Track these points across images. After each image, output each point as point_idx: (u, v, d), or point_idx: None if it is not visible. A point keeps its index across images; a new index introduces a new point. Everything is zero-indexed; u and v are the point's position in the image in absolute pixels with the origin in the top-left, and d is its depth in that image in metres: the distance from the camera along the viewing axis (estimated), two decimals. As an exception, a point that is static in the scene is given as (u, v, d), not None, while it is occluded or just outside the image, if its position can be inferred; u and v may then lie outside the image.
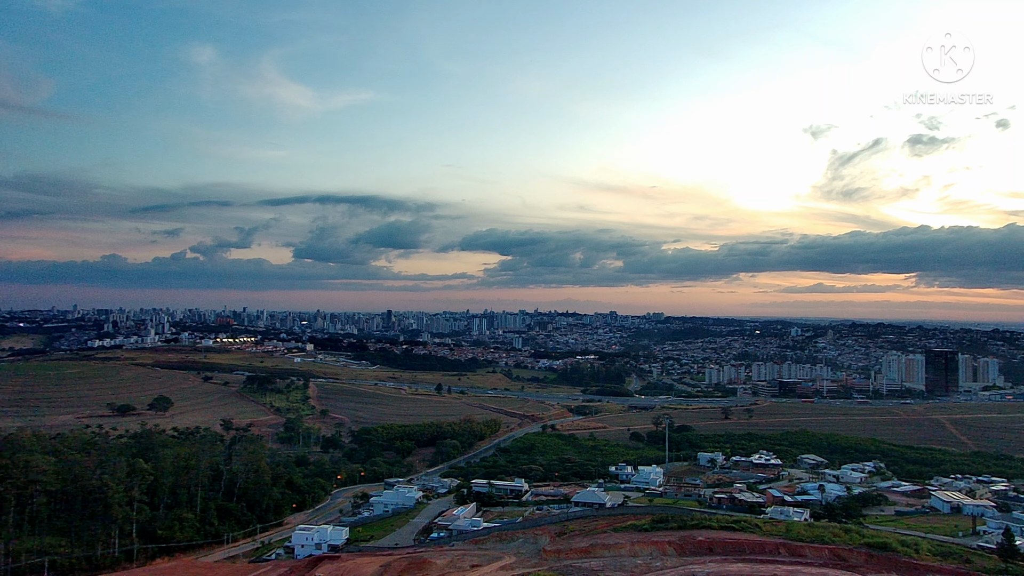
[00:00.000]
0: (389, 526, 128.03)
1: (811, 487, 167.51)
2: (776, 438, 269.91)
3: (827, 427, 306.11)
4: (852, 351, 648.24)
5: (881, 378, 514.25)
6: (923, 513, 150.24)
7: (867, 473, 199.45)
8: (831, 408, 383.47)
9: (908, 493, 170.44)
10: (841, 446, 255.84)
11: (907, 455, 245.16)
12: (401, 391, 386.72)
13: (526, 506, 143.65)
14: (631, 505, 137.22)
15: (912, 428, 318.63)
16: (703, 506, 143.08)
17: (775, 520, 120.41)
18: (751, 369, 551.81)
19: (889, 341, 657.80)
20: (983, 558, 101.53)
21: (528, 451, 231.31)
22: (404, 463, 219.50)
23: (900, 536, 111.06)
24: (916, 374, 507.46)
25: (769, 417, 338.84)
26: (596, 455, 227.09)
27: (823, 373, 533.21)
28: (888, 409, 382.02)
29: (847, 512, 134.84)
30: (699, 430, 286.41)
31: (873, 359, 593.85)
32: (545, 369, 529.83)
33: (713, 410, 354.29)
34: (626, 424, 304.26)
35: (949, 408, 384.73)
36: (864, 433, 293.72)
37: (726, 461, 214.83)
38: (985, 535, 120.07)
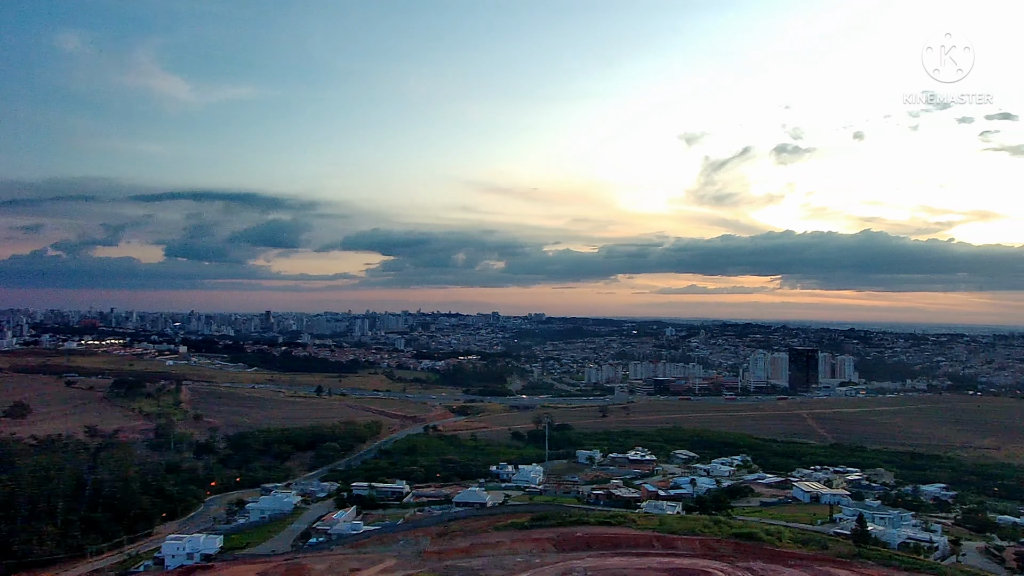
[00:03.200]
0: (266, 532, 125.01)
1: (683, 481, 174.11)
2: (652, 435, 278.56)
3: (699, 423, 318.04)
4: (723, 350, 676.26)
5: (749, 375, 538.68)
6: (786, 503, 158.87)
7: (735, 466, 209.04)
8: (703, 405, 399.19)
9: (772, 484, 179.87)
10: (712, 441, 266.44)
11: (772, 448, 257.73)
12: (280, 394, 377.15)
13: (408, 508, 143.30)
14: (512, 504, 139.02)
15: (777, 422, 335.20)
16: (582, 503, 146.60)
17: (650, 514, 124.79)
18: (628, 368, 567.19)
19: (756, 340, 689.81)
20: (839, 543, 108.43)
21: (410, 452, 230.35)
22: (282, 468, 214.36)
23: (765, 526, 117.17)
24: (781, 371, 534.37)
25: (645, 414, 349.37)
26: (478, 455, 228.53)
27: (696, 371, 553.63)
28: (755, 405, 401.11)
29: (716, 504, 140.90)
30: (578, 428, 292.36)
31: (742, 357, 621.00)
32: (428, 370, 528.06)
33: (592, 408, 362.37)
34: (508, 424, 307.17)
35: (810, 403, 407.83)
36: (733, 428, 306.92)
37: (604, 458, 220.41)
38: (841, 522, 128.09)
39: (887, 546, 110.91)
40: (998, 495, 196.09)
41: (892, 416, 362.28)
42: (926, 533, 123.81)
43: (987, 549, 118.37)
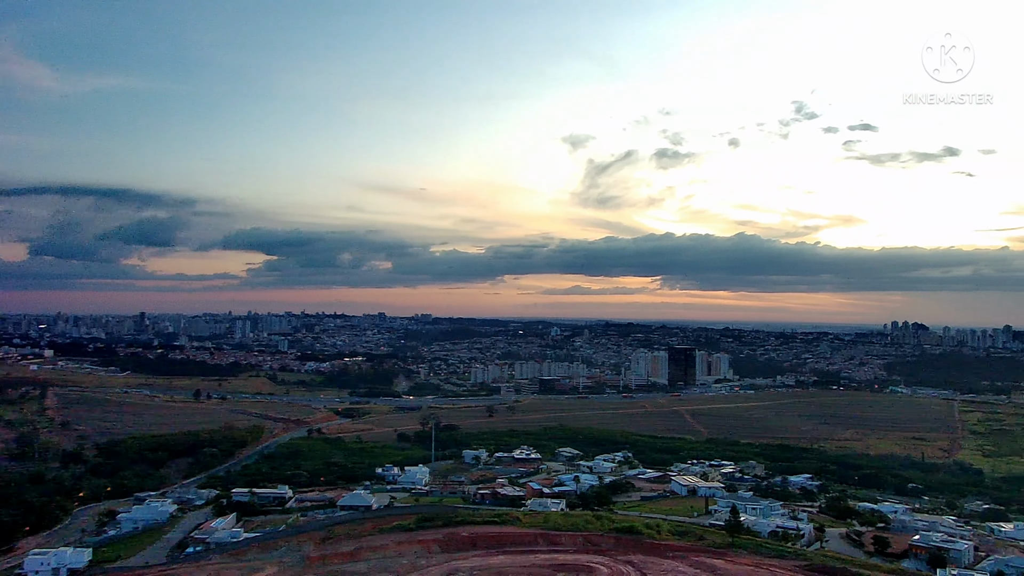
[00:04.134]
0: (139, 544, 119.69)
1: (567, 478, 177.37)
2: (537, 433, 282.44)
3: (583, 421, 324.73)
4: (606, 349, 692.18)
5: (631, 374, 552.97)
6: (665, 497, 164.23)
7: (617, 463, 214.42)
8: (587, 403, 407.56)
9: (652, 479, 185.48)
10: (596, 438, 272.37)
11: (652, 444, 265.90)
12: (155, 399, 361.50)
13: (290, 513, 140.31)
14: (397, 506, 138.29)
15: (657, 419, 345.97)
16: (468, 502, 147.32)
17: (534, 512, 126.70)
18: (515, 368, 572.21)
19: (638, 339, 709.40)
20: (714, 534, 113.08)
21: (293, 456, 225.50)
22: (157, 475, 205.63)
23: (645, 519, 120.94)
24: (661, 369, 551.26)
25: (531, 413, 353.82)
26: (363, 457, 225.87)
27: (580, 370, 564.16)
28: (637, 402, 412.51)
29: (599, 500, 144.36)
30: (465, 428, 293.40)
31: (624, 356, 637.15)
32: (312, 372, 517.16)
33: (478, 408, 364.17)
34: (394, 425, 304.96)
35: (688, 400, 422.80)
36: (616, 425, 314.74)
37: (490, 458, 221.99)
38: (716, 514, 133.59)
39: (758, 535, 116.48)
40: (858, 484, 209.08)
41: (763, 411, 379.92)
42: (793, 521, 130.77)
43: (848, 534, 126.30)
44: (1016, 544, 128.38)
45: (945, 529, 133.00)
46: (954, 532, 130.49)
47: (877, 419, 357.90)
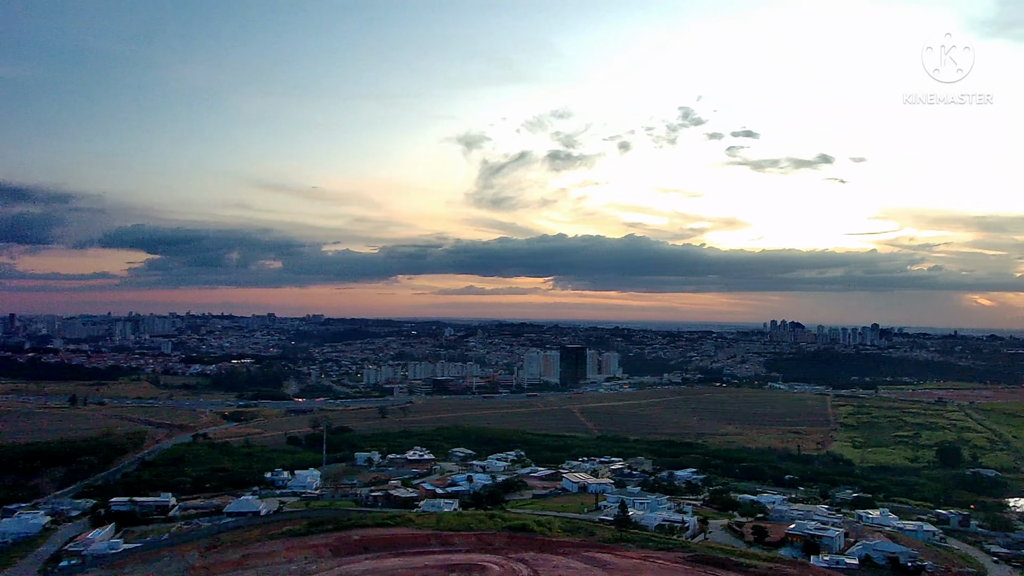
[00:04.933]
0: (9, 558, 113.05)
1: (461, 478, 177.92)
2: (430, 434, 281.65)
3: (477, 421, 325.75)
4: (499, 349, 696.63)
5: (524, 373, 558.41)
6: (556, 494, 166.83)
7: (510, 462, 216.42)
8: (481, 403, 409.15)
9: (544, 477, 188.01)
10: (489, 438, 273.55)
11: (545, 443, 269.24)
12: (27, 405, 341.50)
13: (174, 521, 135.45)
14: (287, 511, 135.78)
15: (549, 418, 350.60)
16: (360, 505, 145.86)
17: (427, 513, 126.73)
18: (408, 369, 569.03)
19: (531, 339, 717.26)
20: (604, 529, 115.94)
21: (177, 463, 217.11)
22: (28, 486, 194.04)
23: (536, 517, 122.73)
24: (553, 369, 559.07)
25: (425, 414, 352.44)
26: (252, 462, 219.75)
27: (474, 370, 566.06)
28: (529, 402, 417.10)
29: (492, 499, 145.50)
30: (357, 430, 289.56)
31: (517, 356, 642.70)
32: (198, 375, 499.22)
33: (371, 410, 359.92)
34: (284, 428, 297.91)
35: (579, 398, 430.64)
36: (509, 425, 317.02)
37: (383, 459, 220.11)
38: (606, 509, 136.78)
39: (646, 529, 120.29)
40: (740, 476, 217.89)
41: (651, 408, 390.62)
42: (679, 515, 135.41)
43: (730, 525, 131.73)
44: (881, 529, 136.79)
45: (818, 518, 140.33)
46: (826, 520, 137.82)
47: (757, 414, 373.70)
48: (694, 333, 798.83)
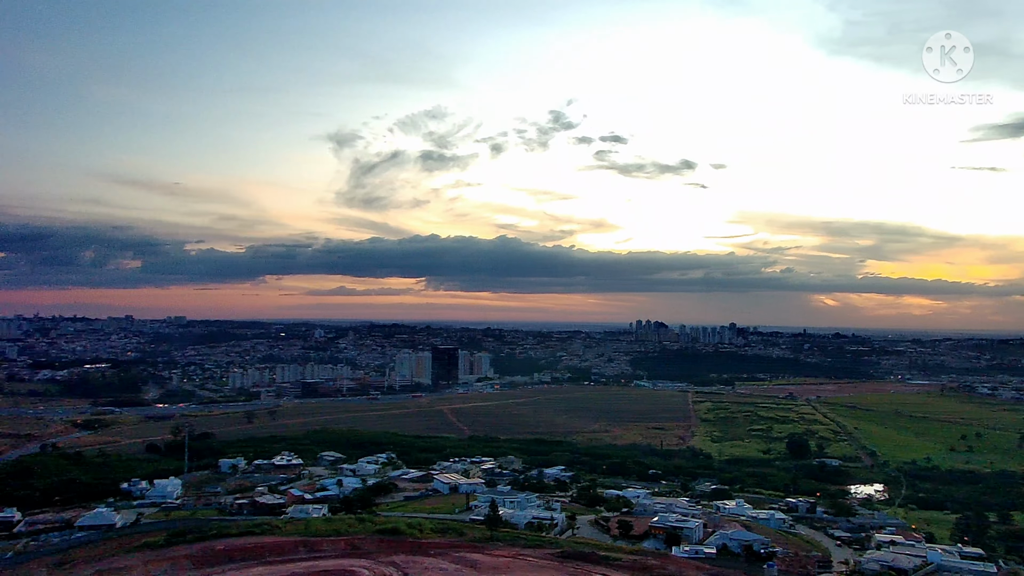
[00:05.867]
0: None
1: (330, 483, 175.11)
2: (299, 438, 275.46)
3: (347, 424, 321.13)
4: (370, 350, 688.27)
5: (395, 375, 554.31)
6: (428, 496, 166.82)
7: (381, 464, 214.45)
8: (351, 405, 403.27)
9: (416, 479, 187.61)
10: (360, 441, 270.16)
11: (416, 444, 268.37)
12: None
13: (19, 538, 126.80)
14: (145, 522, 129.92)
15: (421, 419, 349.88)
16: (224, 514, 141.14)
17: (295, 519, 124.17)
18: (276, 372, 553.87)
19: (402, 340, 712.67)
20: (475, 529, 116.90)
21: (23, 475, 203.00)
22: None
23: (407, 520, 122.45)
24: (425, 370, 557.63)
25: (293, 418, 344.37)
26: (107, 472, 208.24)
27: (344, 372, 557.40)
28: (401, 403, 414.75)
29: (362, 503, 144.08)
30: (222, 436, 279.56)
31: (389, 357, 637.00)
32: (47, 381, 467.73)
33: (237, 415, 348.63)
34: (143, 436, 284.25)
35: (451, 399, 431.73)
36: (380, 427, 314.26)
37: (249, 466, 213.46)
38: (476, 509, 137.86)
39: (516, 527, 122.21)
40: (606, 472, 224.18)
41: (522, 407, 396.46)
42: (548, 512, 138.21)
43: (596, 520, 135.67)
44: (737, 519, 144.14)
45: (680, 510, 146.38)
46: (687, 512, 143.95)
47: (624, 411, 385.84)
48: (564, 333, 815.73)
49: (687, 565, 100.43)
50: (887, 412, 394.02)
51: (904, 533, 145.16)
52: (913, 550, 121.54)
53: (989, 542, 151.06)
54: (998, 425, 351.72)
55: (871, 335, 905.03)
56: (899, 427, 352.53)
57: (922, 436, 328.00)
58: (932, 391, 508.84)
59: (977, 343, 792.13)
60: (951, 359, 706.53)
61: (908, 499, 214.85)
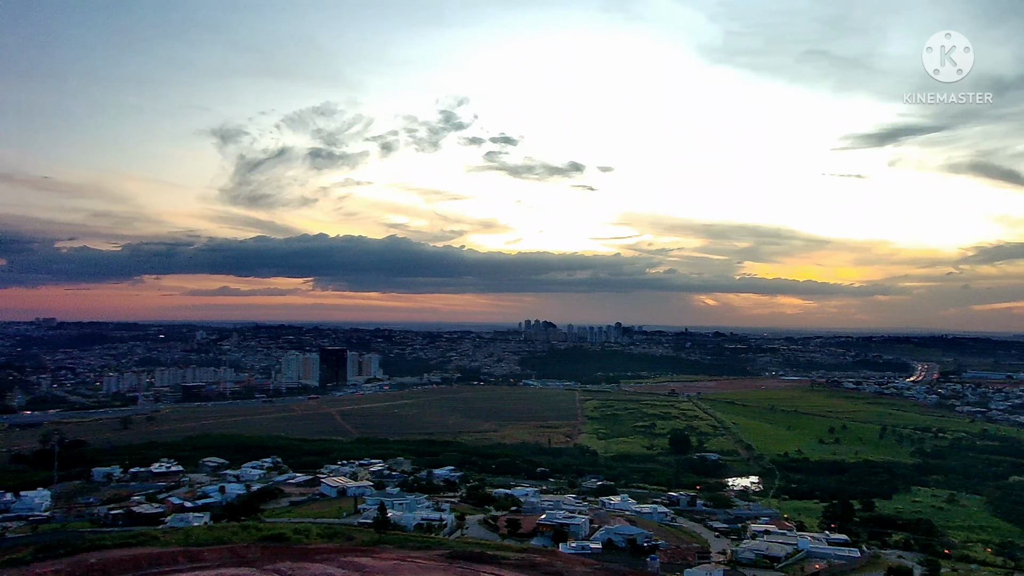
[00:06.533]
0: None
1: (212, 489, 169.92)
2: (180, 444, 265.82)
3: (231, 428, 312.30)
4: (256, 352, 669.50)
5: (282, 377, 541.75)
6: (315, 500, 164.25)
7: (266, 469, 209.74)
8: (235, 409, 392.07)
9: (302, 483, 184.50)
10: (244, 445, 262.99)
11: (303, 448, 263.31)
12: None
13: None
14: (10, 537, 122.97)
15: (308, 422, 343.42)
16: (98, 525, 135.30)
17: (175, 528, 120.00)
18: (154, 375, 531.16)
19: (289, 341, 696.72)
20: (363, 533, 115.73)
21: None
22: None
23: (294, 525, 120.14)
24: (312, 371, 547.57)
25: (174, 423, 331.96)
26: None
27: (228, 375, 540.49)
28: (287, 406, 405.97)
29: (246, 509, 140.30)
30: (96, 444, 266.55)
31: (275, 359, 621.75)
32: None
33: (111, 421, 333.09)
34: (8, 445, 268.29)
35: (339, 401, 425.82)
36: (265, 431, 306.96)
37: (125, 474, 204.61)
38: (365, 512, 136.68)
39: (404, 529, 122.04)
40: (496, 471, 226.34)
41: (411, 408, 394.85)
42: (437, 513, 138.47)
43: (486, 520, 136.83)
44: (622, 514, 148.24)
45: (567, 507, 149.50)
46: (574, 509, 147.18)
47: (513, 410, 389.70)
48: (453, 333, 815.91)
49: (573, 561, 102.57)
50: (762, 407, 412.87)
51: (777, 522, 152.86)
52: (785, 538, 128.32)
53: (853, 528, 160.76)
54: (862, 418, 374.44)
55: (748, 333, 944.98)
56: (773, 421, 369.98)
57: (794, 429, 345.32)
58: (803, 386, 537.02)
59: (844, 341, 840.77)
60: (820, 356, 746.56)
61: (781, 490, 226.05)
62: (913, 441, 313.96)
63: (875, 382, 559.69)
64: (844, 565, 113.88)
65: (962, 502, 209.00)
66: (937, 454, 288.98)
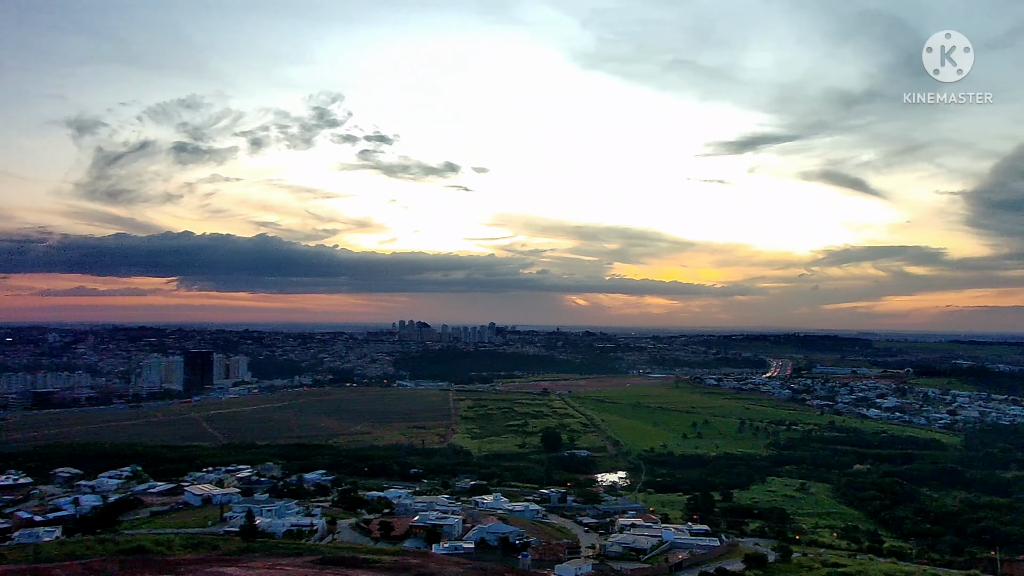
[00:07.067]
0: None
1: (65, 502, 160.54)
2: (29, 454, 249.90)
3: (87, 436, 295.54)
4: (114, 355, 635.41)
5: (143, 381, 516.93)
6: (178, 509, 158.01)
7: (125, 478, 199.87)
8: (92, 416, 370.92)
9: (164, 492, 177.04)
10: (101, 454, 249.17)
11: (165, 455, 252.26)
12: None
13: None
14: None
15: (171, 428, 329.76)
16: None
17: (23, 544, 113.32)
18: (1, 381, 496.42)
19: (151, 344, 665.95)
20: (230, 542, 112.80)
21: None
22: None
23: (155, 537, 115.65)
24: (176, 375, 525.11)
25: (22, 432, 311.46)
26: None
27: (83, 380, 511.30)
28: (149, 412, 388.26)
29: (103, 522, 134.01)
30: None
31: (135, 363, 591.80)
32: None
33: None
34: None
35: (205, 405, 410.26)
36: (125, 438, 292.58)
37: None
38: (232, 520, 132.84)
39: (273, 536, 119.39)
40: (368, 474, 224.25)
41: (282, 412, 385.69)
42: (308, 518, 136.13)
43: (358, 524, 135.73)
44: (495, 513, 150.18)
45: (440, 507, 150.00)
46: (447, 509, 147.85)
47: (386, 412, 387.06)
48: (326, 334, 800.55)
49: (446, 562, 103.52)
50: (630, 404, 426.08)
51: (643, 516, 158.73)
52: (650, 531, 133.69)
53: (714, 518, 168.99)
54: (723, 412, 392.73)
55: (617, 333, 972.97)
56: (640, 417, 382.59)
57: (659, 425, 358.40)
58: (668, 383, 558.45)
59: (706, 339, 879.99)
60: (684, 354, 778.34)
61: (647, 484, 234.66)
62: (768, 434, 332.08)
63: (735, 378, 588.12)
64: (705, 554, 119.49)
65: (812, 490, 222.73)
66: (790, 445, 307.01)
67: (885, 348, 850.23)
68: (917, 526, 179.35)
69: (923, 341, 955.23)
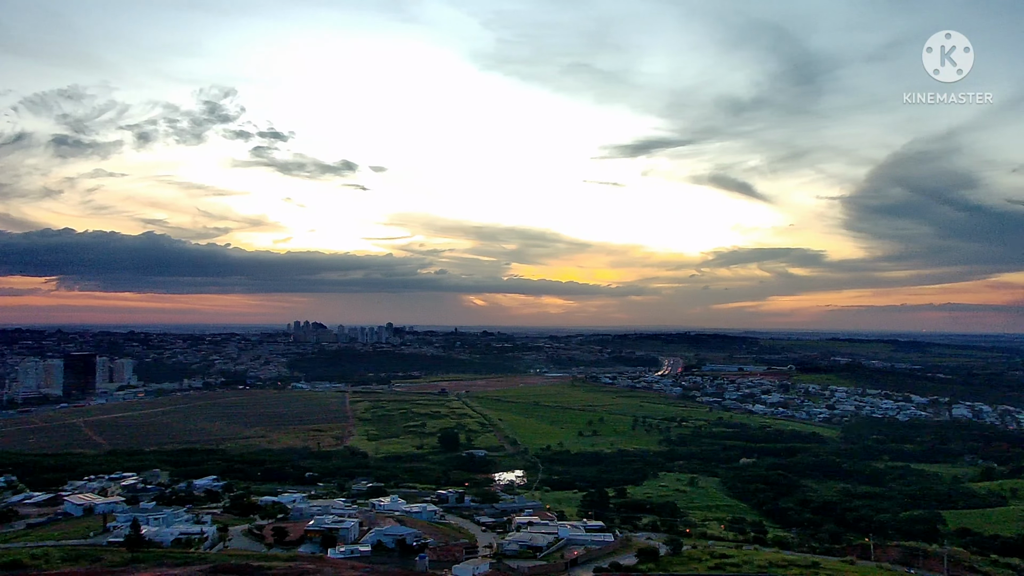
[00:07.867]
0: None
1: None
2: None
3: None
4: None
5: (18, 386, 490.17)
6: (57, 520, 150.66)
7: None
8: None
9: (42, 503, 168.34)
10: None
11: (43, 464, 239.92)
12: None
13: None
14: None
15: (49, 435, 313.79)
16: None
17: None
18: None
19: (28, 347, 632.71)
20: (114, 553, 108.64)
21: None
22: None
23: (31, 550, 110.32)
24: (55, 379, 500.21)
25: None
26: None
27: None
28: (24, 418, 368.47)
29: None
30: None
31: (10, 367, 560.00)
32: None
33: None
34: None
35: (87, 410, 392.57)
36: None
37: None
38: (116, 530, 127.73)
39: (161, 545, 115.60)
40: (262, 478, 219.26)
41: (170, 416, 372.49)
42: (198, 526, 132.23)
43: (250, 530, 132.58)
44: (392, 514, 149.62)
45: (336, 511, 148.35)
46: (343, 512, 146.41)
47: (280, 415, 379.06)
48: (217, 335, 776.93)
49: (343, 566, 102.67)
50: (528, 403, 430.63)
51: (540, 513, 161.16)
52: (547, 528, 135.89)
53: (609, 514, 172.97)
54: (617, 410, 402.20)
55: (515, 332, 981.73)
56: (538, 416, 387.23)
57: (556, 423, 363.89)
58: (565, 382, 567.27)
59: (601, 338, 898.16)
60: (581, 353, 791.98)
61: (544, 482, 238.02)
62: (661, 430, 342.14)
63: (628, 376, 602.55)
64: (600, 550, 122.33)
65: (701, 484, 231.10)
66: (681, 441, 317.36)
67: (770, 346, 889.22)
68: (799, 516, 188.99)
69: (805, 339, 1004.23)
